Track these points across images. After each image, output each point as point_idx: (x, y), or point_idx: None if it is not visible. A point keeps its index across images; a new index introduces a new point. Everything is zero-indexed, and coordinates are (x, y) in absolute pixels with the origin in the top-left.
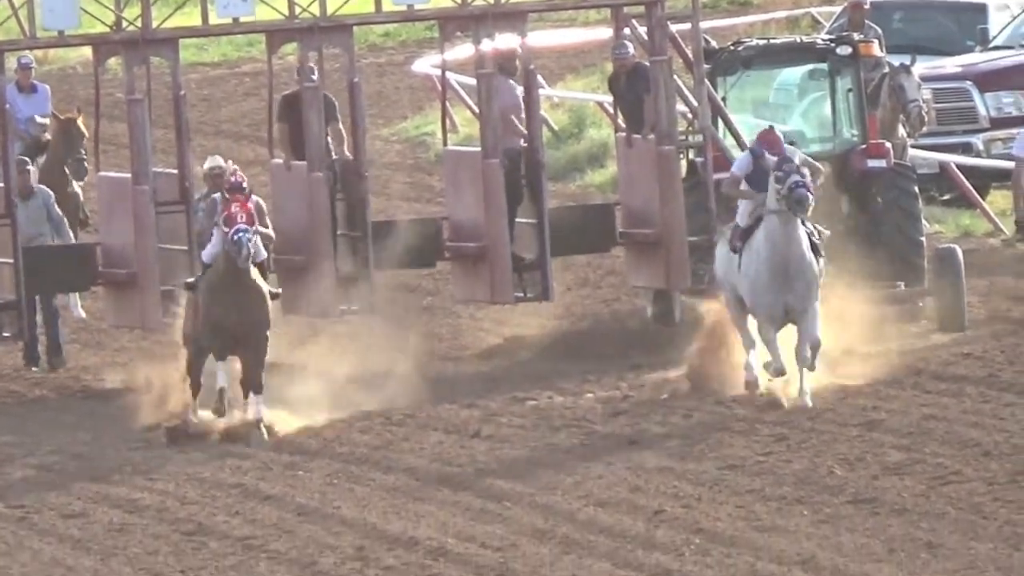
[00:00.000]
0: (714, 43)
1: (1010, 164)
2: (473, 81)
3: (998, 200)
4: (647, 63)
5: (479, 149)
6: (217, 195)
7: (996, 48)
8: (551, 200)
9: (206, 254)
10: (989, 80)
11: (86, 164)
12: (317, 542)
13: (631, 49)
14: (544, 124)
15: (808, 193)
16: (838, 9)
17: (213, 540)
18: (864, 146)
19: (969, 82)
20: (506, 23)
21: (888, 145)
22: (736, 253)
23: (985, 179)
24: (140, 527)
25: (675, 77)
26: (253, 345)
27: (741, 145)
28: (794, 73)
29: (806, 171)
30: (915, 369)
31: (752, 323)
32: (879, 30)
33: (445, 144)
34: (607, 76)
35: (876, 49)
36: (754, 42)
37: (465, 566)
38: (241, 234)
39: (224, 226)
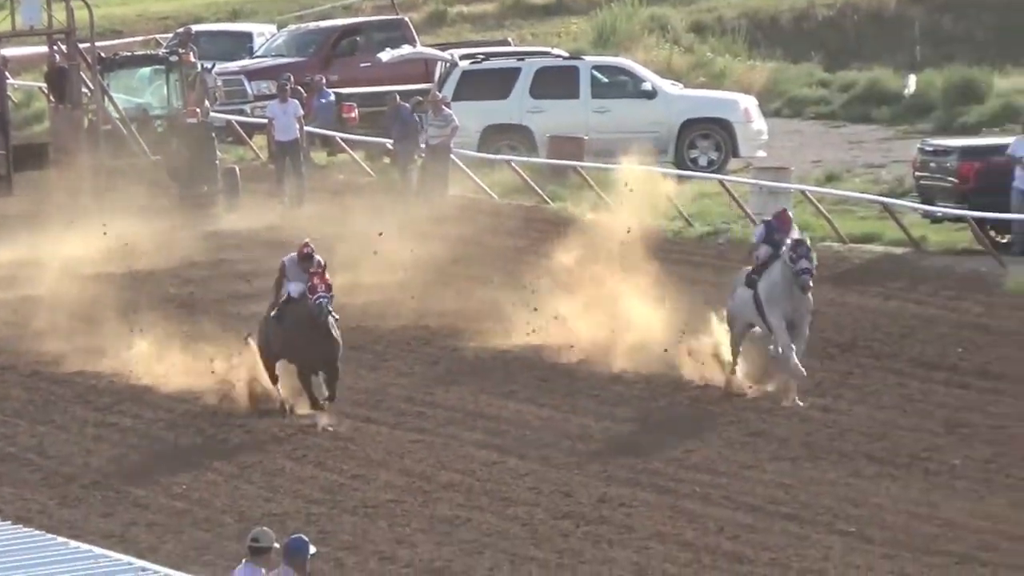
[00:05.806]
0: (104, 54)
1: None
2: None
3: (259, 140)
4: (65, 66)
5: None
6: (290, 257)
7: (258, 57)
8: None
9: (294, 291)
10: (254, 74)
11: None
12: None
13: (58, 58)
14: (9, 99)
15: (810, 280)
16: (170, 35)
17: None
18: (185, 111)
19: (244, 75)
20: None
21: (198, 110)
22: (752, 288)
23: (252, 129)
24: None
25: (82, 74)
26: (328, 368)
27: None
28: (147, 70)
29: (814, 256)
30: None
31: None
32: (195, 47)
33: None
34: (45, 73)
35: (192, 57)
36: (132, 53)
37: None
38: (322, 299)
39: (310, 293)
